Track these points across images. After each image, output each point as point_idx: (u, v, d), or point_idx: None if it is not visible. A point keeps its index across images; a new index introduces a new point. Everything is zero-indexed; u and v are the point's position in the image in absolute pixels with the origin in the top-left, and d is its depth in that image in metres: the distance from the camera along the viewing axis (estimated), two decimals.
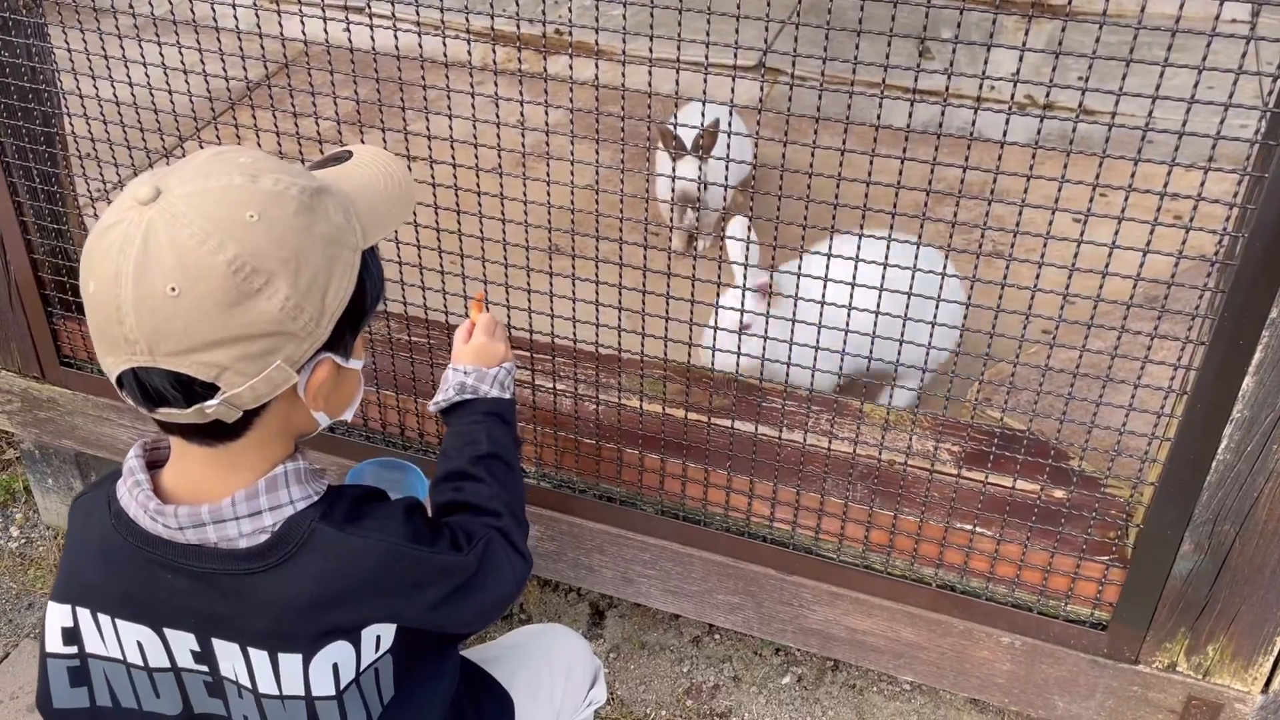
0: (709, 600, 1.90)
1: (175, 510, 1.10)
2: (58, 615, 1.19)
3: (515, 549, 1.36)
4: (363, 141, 1.65)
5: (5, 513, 2.62)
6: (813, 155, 1.40)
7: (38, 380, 2.23)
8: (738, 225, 2.16)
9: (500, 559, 1.31)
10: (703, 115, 2.33)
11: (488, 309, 1.62)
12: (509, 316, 1.75)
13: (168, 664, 1.16)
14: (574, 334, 1.76)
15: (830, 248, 1.50)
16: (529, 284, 1.72)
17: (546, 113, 1.57)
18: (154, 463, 1.18)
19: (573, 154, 1.56)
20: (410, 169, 1.63)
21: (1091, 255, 1.37)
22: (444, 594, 1.21)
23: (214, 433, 1.09)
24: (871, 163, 1.38)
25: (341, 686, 1.16)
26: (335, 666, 1.15)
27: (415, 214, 1.68)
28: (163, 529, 1.11)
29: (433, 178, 1.66)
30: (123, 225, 1.00)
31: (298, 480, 1.15)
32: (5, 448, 2.79)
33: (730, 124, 1.58)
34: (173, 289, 0.98)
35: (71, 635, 1.19)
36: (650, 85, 1.45)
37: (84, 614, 1.17)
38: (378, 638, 1.17)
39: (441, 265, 1.74)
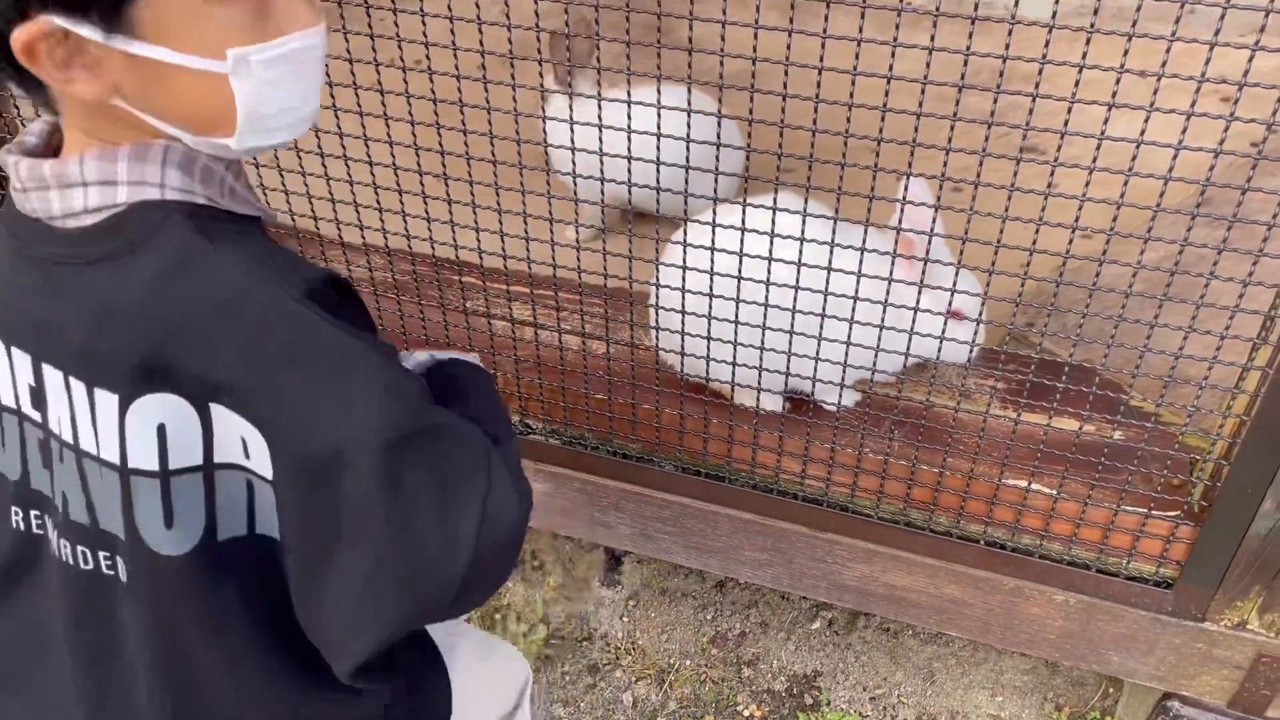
0: (735, 557, 1.76)
1: (17, 163, 0.88)
2: None
3: (509, 470, 0.98)
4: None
5: None
6: (823, 46, 1.18)
7: None
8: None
9: (475, 451, 0.95)
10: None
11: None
12: (503, 244, 1.51)
13: (14, 403, 0.96)
14: (578, 263, 1.55)
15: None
16: (524, 206, 1.46)
17: (536, 5, 1.31)
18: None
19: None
20: (380, 79, 1.37)
21: (1148, 157, 1.14)
22: (338, 393, 0.86)
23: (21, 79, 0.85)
24: (894, 53, 1.15)
25: (171, 466, 0.89)
26: (161, 429, 0.88)
27: (389, 129, 1.43)
28: (15, 195, 0.90)
29: (406, 85, 1.39)
30: None
31: (180, 165, 0.89)
32: None
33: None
34: None
35: None
36: None
37: None
38: (243, 440, 0.88)
39: (422, 188, 1.52)
